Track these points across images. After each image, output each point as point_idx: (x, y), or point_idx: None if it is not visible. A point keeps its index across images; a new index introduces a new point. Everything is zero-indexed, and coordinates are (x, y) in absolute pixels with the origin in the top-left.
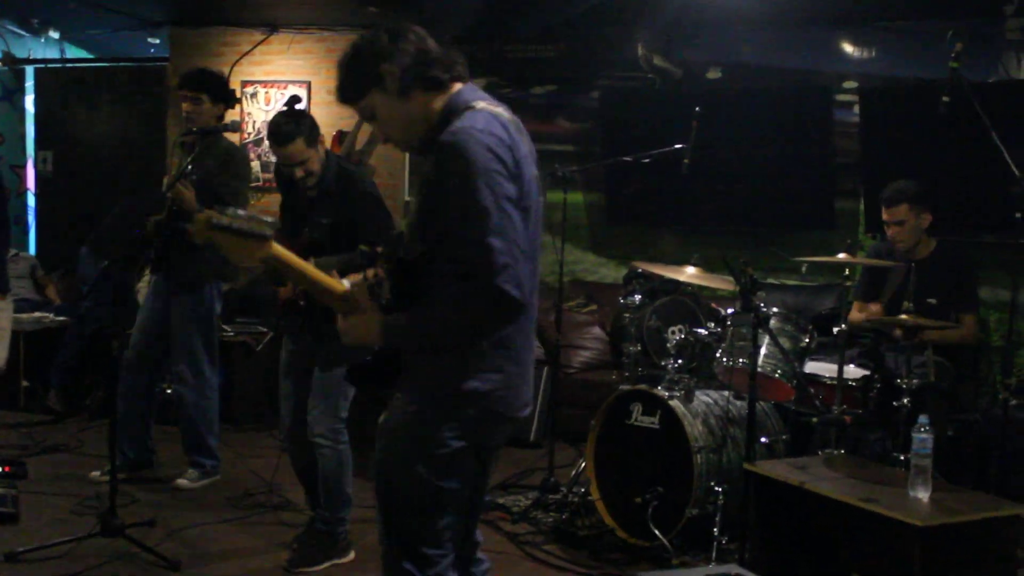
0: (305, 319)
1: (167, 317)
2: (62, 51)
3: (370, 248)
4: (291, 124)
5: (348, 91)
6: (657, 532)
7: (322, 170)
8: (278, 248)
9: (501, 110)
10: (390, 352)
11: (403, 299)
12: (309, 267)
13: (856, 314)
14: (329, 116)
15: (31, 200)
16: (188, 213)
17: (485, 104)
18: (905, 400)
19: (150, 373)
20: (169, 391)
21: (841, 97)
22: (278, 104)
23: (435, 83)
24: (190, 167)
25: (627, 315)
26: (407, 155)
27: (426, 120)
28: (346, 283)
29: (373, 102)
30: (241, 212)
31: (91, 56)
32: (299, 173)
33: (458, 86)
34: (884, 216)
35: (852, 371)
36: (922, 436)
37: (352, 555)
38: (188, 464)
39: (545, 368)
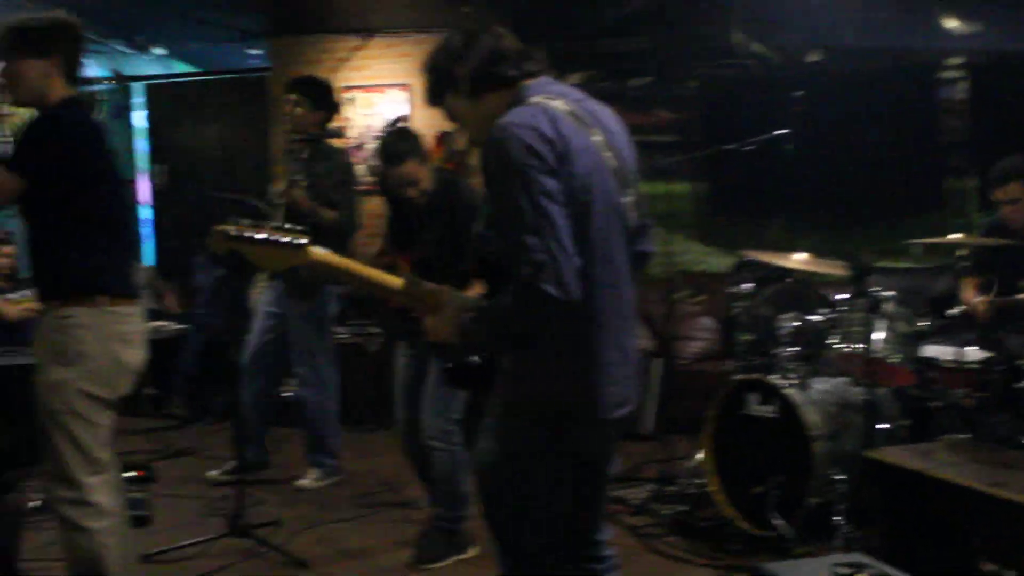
0: (416, 324)
1: (283, 323)
2: (168, 67)
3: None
4: (403, 144)
5: (430, 95)
6: (778, 521)
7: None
8: (319, 252)
9: (560, 103)
10: (484, 355)
11: (493, 297)
12: (361, 267)
13: (969, 292)
14: (430, 118)
15: (146, 212)
16: (303, 216)
17: (541, 98)
18: None
19: (267, 378)
20: (287, 395)
21: (947, 74)
22: (377, 108)
23: (503, 81)
24: (300, 173)
25: (738, 304)
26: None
27: (497, 119)
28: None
29: (451, 104)
30: (266, 224)
31: (197, 69)
32: (412, 193)
33: (529, 82)
34: (995, 195)
35: (972, 353)
36: None
37: (474, 551)
38: (309, 464)
39: (658, 360)
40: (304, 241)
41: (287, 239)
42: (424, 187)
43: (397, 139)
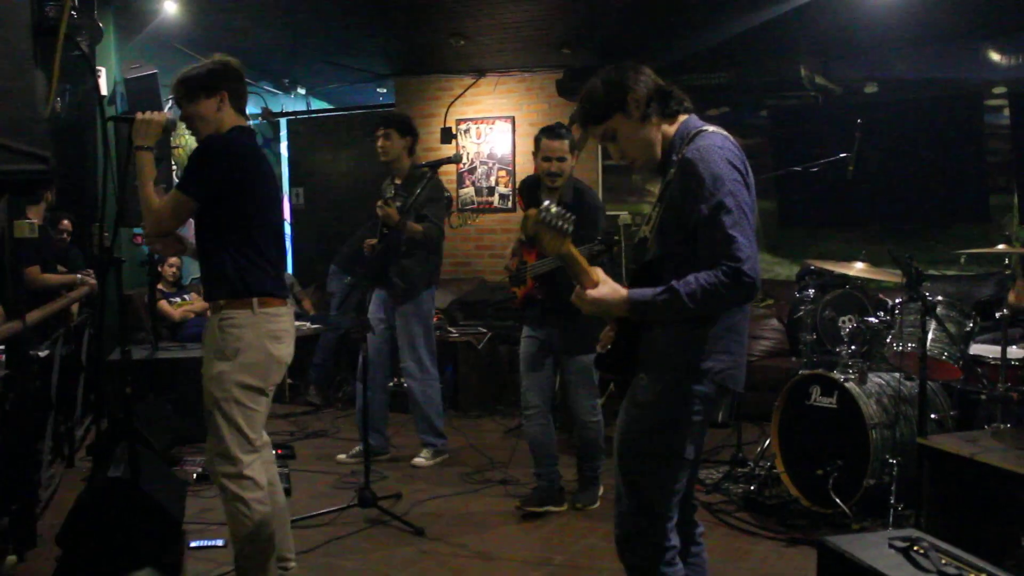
0: (545, 310)
1: (392, 323)
2: (308, 104)
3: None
4: (565, 129)
5: (592, 114)
6: (838, 500)
7: (563, 185)
8: (570, 246)
9: (726, 133)
10: (629, 342)
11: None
12: (587, 265)
13: (1015, 294)
14: (531, 145)
15: (287, 229)
16: (393, 228)
17: (714, 128)
18: None
19: (384, 375)
20: (406, 385)
21: (991, 102)
22: (487, 137)
23: (671, 112)
24: (392, 193)
25: (802, 307)
26: (600, 178)
27: (659, 143)
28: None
29: (615, 125)
30: (555, 209)
31: (331, 106)
32: (554, 168)
33: (684, 116)
34: None
35: (1014, 352)
36: None
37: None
38: (421, 445)
39: None
40: (570, 229)
41: (565, 226)
42: (564, 169)
43: (561, 126)
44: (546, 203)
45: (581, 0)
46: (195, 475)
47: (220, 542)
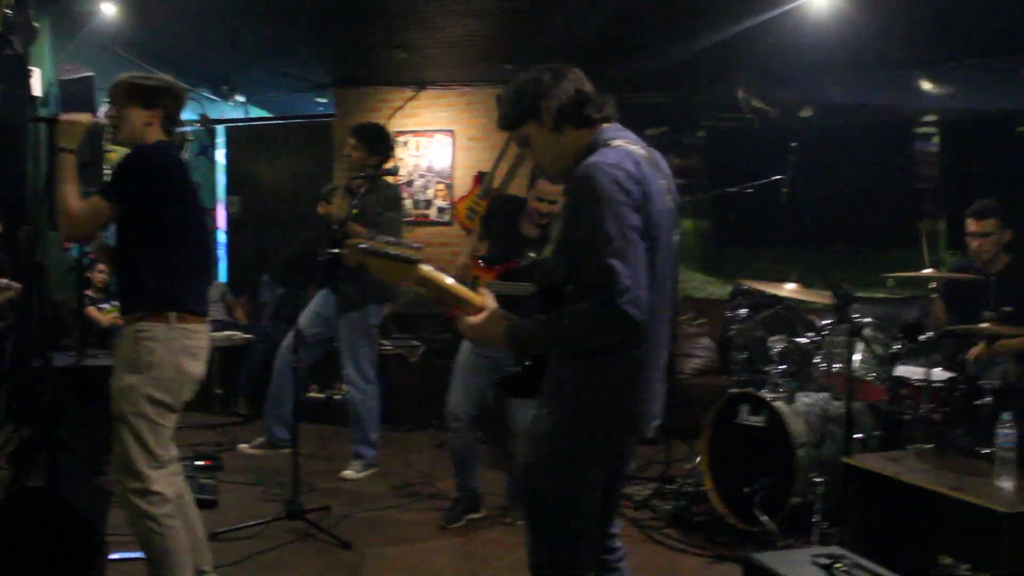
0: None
1: (330, 332)
2: (247, 112)
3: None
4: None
5: (508, 119)
6: (764, 518)
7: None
8: (425, 269)
9: (637, 148)
10: (537, 365)
11: (543, 313)
12: (456, 287)
13: (939, 310)
14: (470, 159)
15: (222, 237)
16: (338, 234)
17: (623, 142)
18: (987, 399)
19: (308, 367)
20: (338, 396)
21: (921, 130)
22: (426, 150)
23: (586, 121)
24: (356, 206)
25: (734, 327)
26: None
27: (574, 153)
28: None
29: (528, 131)
30: (390, 239)
31: (270, 114)
32: (545, 208)
33: (605, 125)
34: (971, 227)
35: (938, 373)
36: (1006, 431)
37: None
38: (352, 456)
39: None
40: (416, 259)
41: (404, 255)
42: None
43: None
44: (378, 236)
45: (523, 17)
46: None
47: (142, 554)
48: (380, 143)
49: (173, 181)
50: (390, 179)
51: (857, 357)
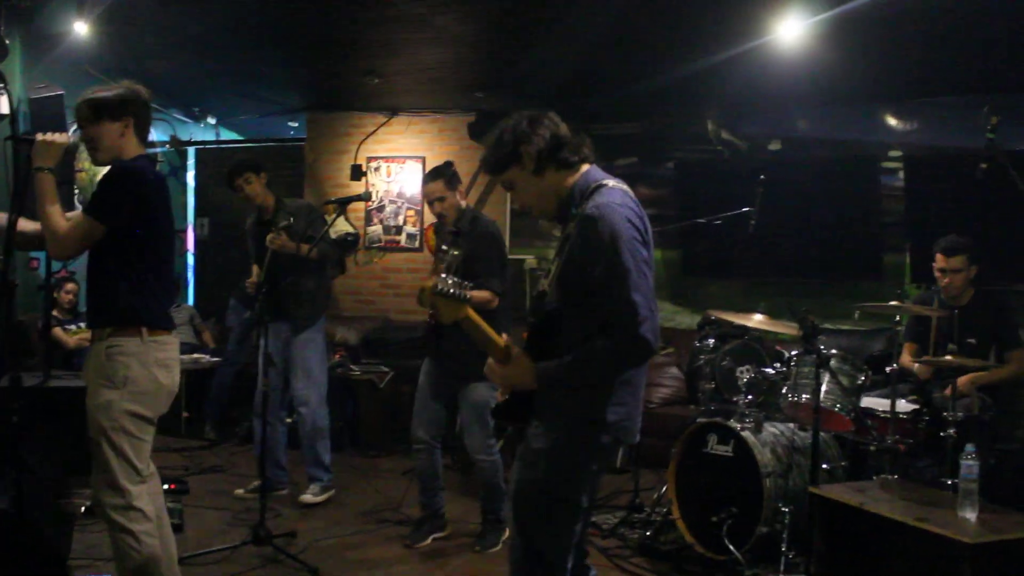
0: (440, 336)
1: (287, 356)
2: (217, 134)
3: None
4: (446, 167)
5: (492, 165)
6: (731, 547)
7: (458, 215)
8: (471, 312)
9: (626, 187)
10: (525, 392)
11: (539, 345)
12: (489, 329)
13: (907, 357)
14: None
15: (191, 259)
16: (289, 255)
17: (614, 182)
18: (951, 431)
19: (285, 405)
20: (290, 420)
21: (887, 164)
22: (397, 176)
23: (566, 164)
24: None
25: (702, 356)
26: (508, 221)
27: (557, 194)
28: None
29: (512, 176)
30: (450, 280)
31: (241, 137)
32: (436, 209)
33: (586, 167)
34: (941, 264)
35: (903, 405)
36: (969, 463)
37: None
38: (308, 480)
39: None
40: (467, 297)
41: (459, 293)
42: (447, 210)
43: (437, 167)
44: (442, 275)
45: (495, 47)
46: (84, 508)
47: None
48: (257, 166)
49: (151, 199)
50: (362, 204)
51: (823, 388)
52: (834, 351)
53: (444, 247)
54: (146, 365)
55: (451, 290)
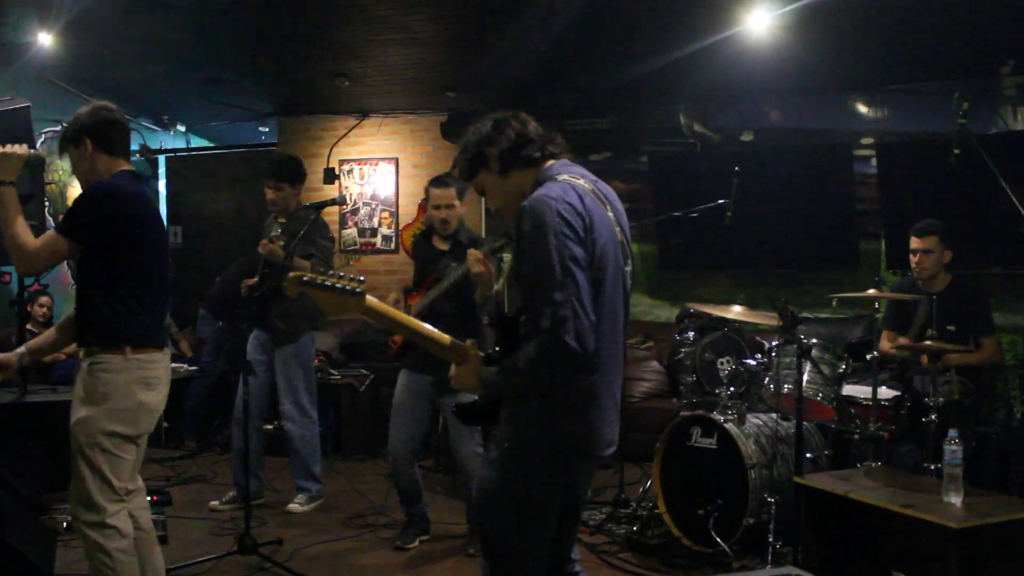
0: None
1: (269, 366)
2: (188, 141)
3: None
4: (451, 177)
5: (463, 172)
6: (718, 539)
7: (459, 225)
8: (373, 301)
9: (583, 182)
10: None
11: (507, 350)
12: (410, 319)
13: (886, 343)
14: (414, 186)
15: None
16: (280, 266)
17: (568, 176)
18: (933, 416)
19: (262, 413)
20: (270, 427)
21: (859, 152)
22: (370, 178)
23: (529, 161)
24: (278, 233)
25: (682, 350)
26: (483, 217)
27: (522, 193)
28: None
29: (482, 179)
30: (331, 272)
31: (212, 144)
32: (443, 215)
33: (551, 162)
34: (914, 245)
35: (884, 392)
36: (953, 448)
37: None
38: (296, 490)
39: None
40: (361, 291)
41: (348, 287)
42: (451, 219)
43: (447, 175)
44: (315, 268)
45: (465, 46)
46: (65, 524)
47: None
48: (295, 174)
49: (132, 215)
50: (336, 208)
51: (805, 377)
52: (814, 340)
53: (440, 256)
54: (128, 382)
55: (327, 281)
